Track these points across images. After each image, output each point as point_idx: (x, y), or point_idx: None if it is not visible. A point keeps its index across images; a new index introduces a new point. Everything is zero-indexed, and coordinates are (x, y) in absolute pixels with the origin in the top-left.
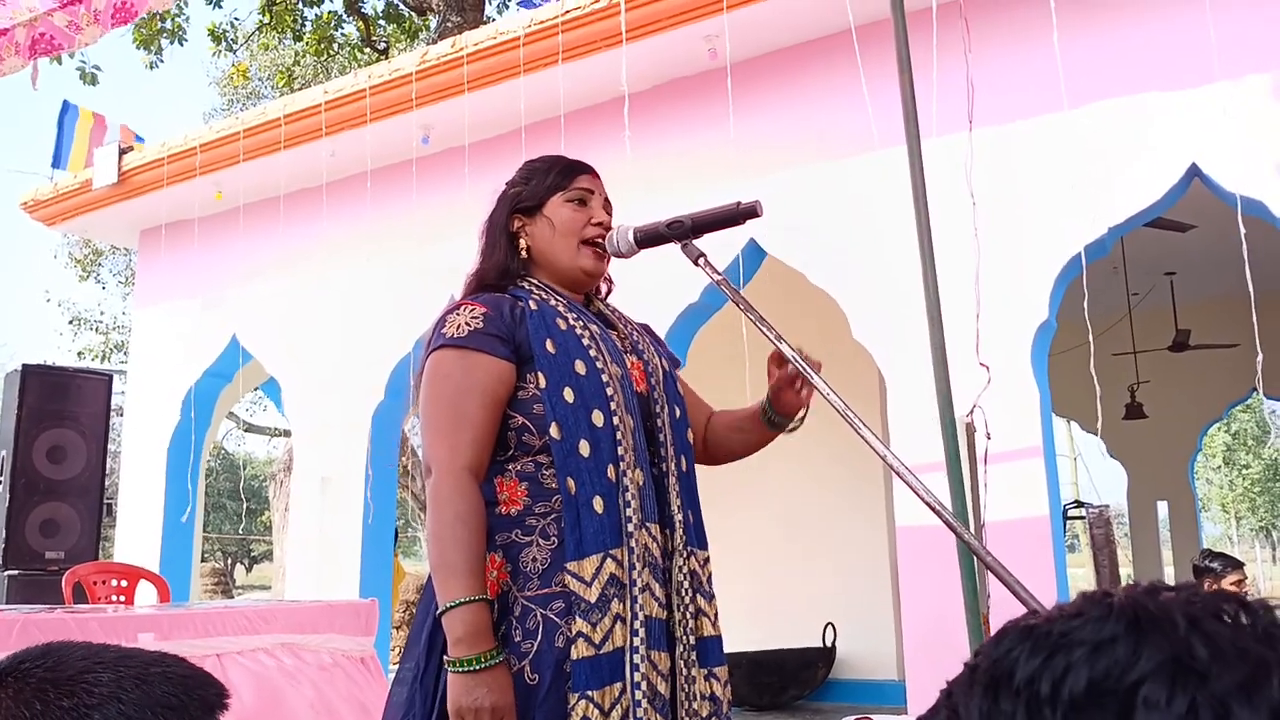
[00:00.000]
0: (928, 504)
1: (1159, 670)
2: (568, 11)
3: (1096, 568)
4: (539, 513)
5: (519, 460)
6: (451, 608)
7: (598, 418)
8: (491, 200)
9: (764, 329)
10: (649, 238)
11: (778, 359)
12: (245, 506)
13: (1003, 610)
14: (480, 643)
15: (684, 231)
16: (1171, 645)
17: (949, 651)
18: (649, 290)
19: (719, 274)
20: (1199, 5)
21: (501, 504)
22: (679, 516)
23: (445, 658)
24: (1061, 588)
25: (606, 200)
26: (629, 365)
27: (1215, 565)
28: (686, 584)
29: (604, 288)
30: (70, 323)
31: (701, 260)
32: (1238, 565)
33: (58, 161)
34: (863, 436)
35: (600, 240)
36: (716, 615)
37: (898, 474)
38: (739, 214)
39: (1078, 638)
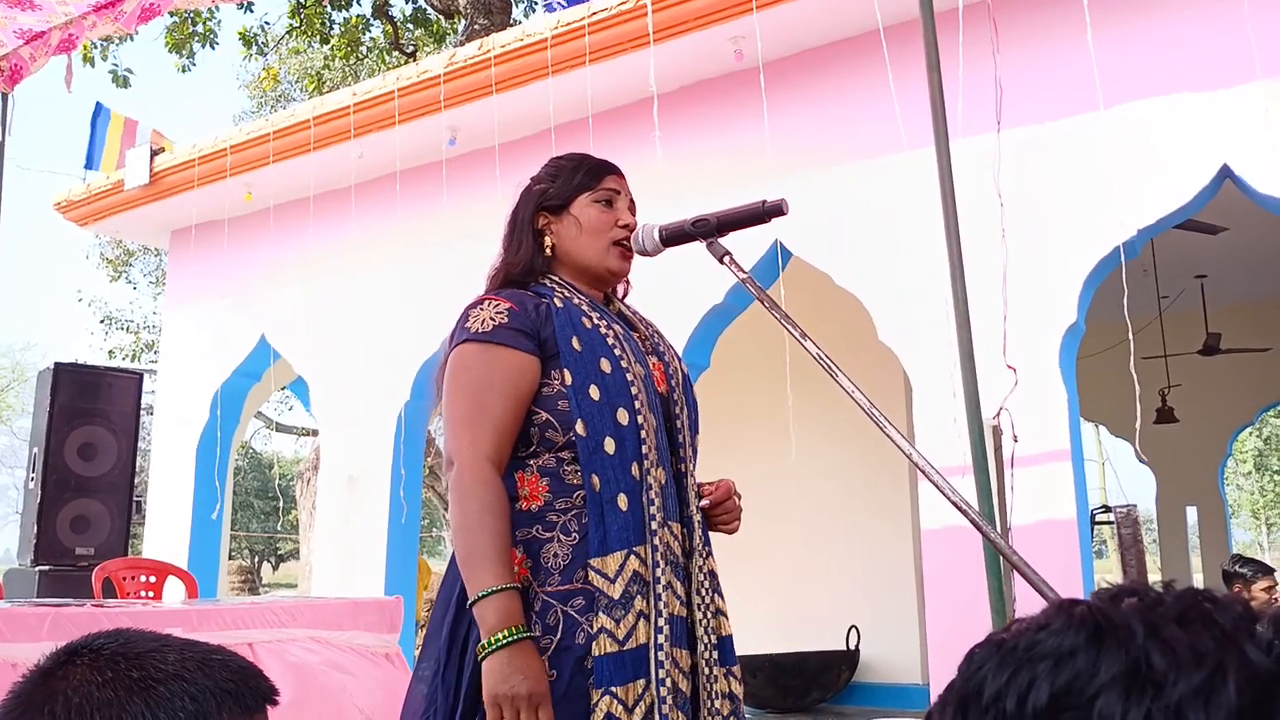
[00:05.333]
0: (954, 504)
1: (1115, 681)
2: (595, 13)
3: (1124, 569)
4: (560, 508)
5: (540, 456)
6: (483, 597)
7: (622, 416)
8: (515, 195)
9: (789, 326)
10: (674, 236)
11: (721, 493)
12: (273, 505)
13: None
14: (512, 624)
15: (709, 229)
16: (1129, 654)
17: None
18: (673, 292)
19: (744, 272)
20: (1231, 5)
21: (522, 499)
22: (696, 517)
23: (478, 646)
24: (1089, 593)
25: (632, 201)
26: (651, 366)
27: (1245, 571)
28: (707, 584)
29: (622, 289)
30: (101, 322)
31: (727, 259)
32: (1268, 571)
33: (90, 163)
34: (890, 438)
35: (627, 241)
36: (727, 615)
37: (925, 475)
38: (765, 212)
39: (1041, 651)
